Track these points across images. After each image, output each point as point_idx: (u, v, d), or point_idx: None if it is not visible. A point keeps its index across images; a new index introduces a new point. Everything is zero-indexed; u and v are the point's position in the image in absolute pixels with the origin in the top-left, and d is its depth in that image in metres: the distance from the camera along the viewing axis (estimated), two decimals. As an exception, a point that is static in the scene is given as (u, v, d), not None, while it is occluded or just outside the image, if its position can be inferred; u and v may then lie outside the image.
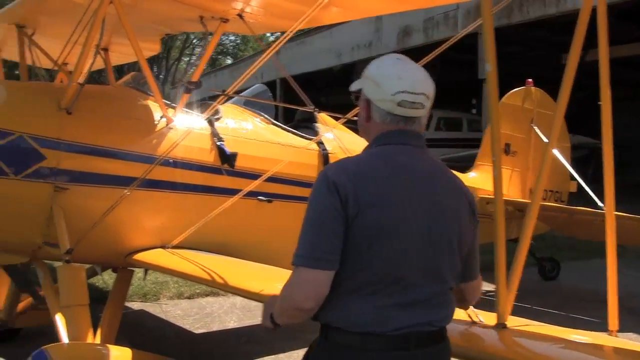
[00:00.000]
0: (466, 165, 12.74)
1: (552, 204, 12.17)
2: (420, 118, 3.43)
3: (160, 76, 54.02)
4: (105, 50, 8.99)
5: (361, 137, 3.64)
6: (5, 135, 6.58)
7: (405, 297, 3.20)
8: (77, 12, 7.43)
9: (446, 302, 3.37)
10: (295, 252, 3.18)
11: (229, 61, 73.33)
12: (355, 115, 4.47)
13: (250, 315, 10.34)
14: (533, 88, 12.40)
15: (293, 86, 7.74)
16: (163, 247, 7.28)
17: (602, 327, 5.00)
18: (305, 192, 4.15)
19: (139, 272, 8.46)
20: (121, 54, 9.33)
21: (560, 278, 14.40)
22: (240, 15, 7.18)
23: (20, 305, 9.00)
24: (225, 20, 7.33)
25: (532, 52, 29.19)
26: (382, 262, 3.17)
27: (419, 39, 22.75)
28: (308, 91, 7.85)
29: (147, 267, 7.54)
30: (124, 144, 7.15)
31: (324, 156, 8.59)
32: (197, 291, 11.61)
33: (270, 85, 35.69)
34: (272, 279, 5.77)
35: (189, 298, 11.46)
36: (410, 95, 3.31)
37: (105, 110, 7.30)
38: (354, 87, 3.54)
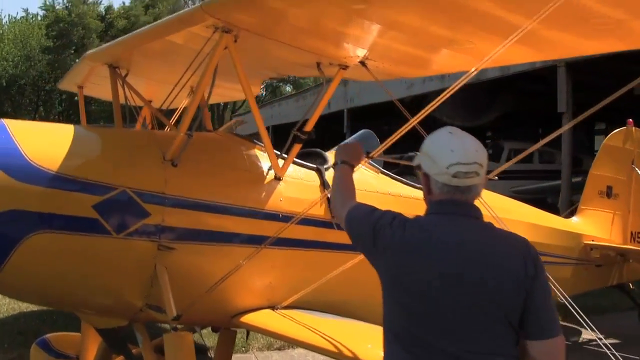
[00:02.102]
0: (540, 197, 12.21)
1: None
2: (477, 186, 3.68)
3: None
4: (198, 91, 8.54)
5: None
6: (106, 190, 6.10)
7: (428, 357, 3.46)
8: (178, 54, 7.00)
9: None
10: (353, 211, 4.15)
11: (288, 89, 73.28)
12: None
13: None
14: (633, 128, 11.75)
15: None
16: (272, 307, 6.79)
17: None
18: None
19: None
20: (213, 95, 8.83)
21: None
22: (363, 63, 6.64)
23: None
24: (345, 67, 6.81)
25: (603, 82, 28.42)
26: (399, 314, 3.59)
27: (494, 72, 22.10)
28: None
29: (257, 331, 7.05)
30: (232, 198, 6.70)
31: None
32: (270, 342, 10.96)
33: (339, 115, 35.59)
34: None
35: (279, 349, 10.85)
36: (463, 166, 3.59)
37: (212, 161, 6.83)
38: (415, 162, 3.90)
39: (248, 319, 6.64)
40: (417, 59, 6.63)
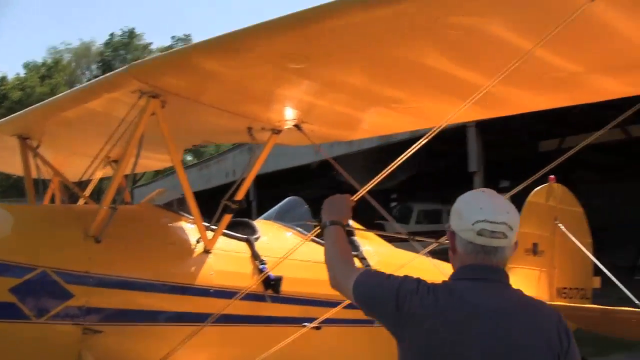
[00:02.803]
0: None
1: (591, 305, 11.47)
2: (504, 249, 3.48)
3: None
4: (116, 162, 8.09)
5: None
6: (24, 271, 5.62)
7: None
8: (94, 122, 6.59)
9: None
10: (362, 278, 3.72)
11: (188, 158, 72.44)
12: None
13: None
14: (555, 185, 11.75)
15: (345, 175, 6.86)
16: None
17: None
18: (354, 314, 4.53)
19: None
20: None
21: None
22: (297, 126, 6.32)
23: None
24: (277, 132, 6.48)
25: (510, 140, 29.03)
26: None
27: (404, 134, 22.14)
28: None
29: None
30: (161, 274, 6.29)
31: (368, 273, 7.72)
32: None
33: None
34: None
35: None
36: (490, 225, 3.39)
37: (137, 236, 6.40)
38: (448, 223, 3.65)
39: (184, 402, 6.17)
40: (356, 121, 6.37)
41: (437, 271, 10.02)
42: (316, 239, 7.66)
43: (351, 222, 8.21)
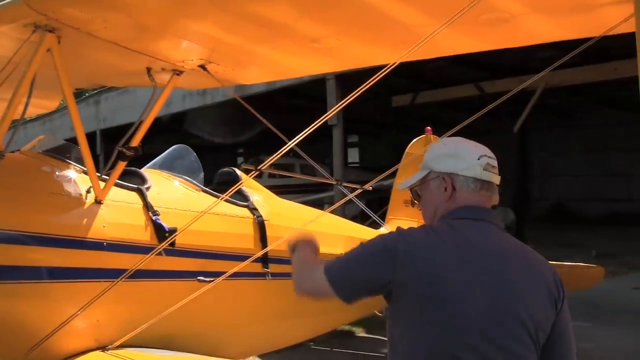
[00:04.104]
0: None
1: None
2: (496, 188, 3.49)
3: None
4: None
5: (427, 218, 3.63)
6: None
7: None
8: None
9: None
10: (333, 262, 3.48)
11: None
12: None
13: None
14: (432, 136, 11.75)
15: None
16: (102, 348, 5.94)
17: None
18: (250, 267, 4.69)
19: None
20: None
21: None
22: (203, 67, 5.89)
23: None
24: (179, 73, 6.03)
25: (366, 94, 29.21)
26: (434, 335, 3.13)
27: (260, 86, 21.87)
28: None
29: None
30: (50, 226, 5.79)
31: (260, 224, 7.48)
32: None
33: (89, 137, 34.08)
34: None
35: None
36: (490, 159, 3.46)
37: (23, 185, 5.85)
38: (419, 176, 3.59)
39: (78, 364, 5.76)
40: (267, 61, 6.00)
41: (343, 224, 9.95)
42: (211, 190, 7.38)
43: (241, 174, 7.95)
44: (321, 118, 4.91)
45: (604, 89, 26.47)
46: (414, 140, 11.83)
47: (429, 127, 11.78)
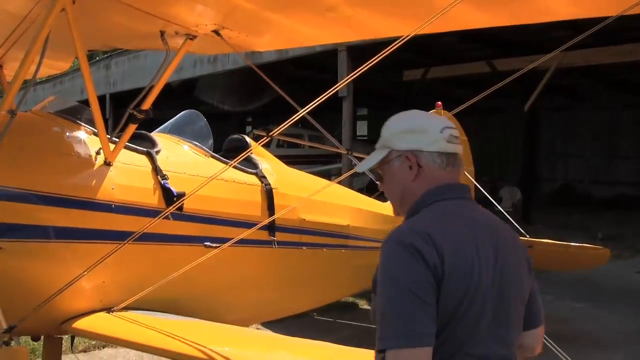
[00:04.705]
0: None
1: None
2: (461, 158, 3.29)
3: None
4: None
5: (394, 201, 3.38)
6: None
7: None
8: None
9: None
10: (382, 334, 2.81)
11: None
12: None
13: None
14: (442, 111, 11.70)
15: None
16: (107, 310, 5.99)
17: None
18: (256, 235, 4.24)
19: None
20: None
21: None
22: (216, 32, 5.88)
23: None
24: (192, 38, 6.03)
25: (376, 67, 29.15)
26: (460, 334, 2.90)
27: (271, 55, 21.82)
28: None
29: (89, 337, 6.20)
30: (61, 187, 5.82)
31: (268, 192, 7.50)
32: (92, 343, 9.84)
33: (99, 100, 34.06)
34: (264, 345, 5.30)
35: (84, 351, 9.76)
36: (452, 130, 3.24)
37: (34, 145, 5.87)
38: (378, 156, 3.30)
39: (82, 324, 5.83)
40: (282, 29, 5.98)
41: (350, 195, 9.96)
42: (215, 154, 7.39)
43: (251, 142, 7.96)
44: (332, 88, 4.92)
45: (616, 71, 26.31)
46: (424, 115, 11.79)
47: (439, 102, 11.73)
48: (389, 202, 10.55)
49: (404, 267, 2.84)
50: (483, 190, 11.50)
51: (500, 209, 11.02)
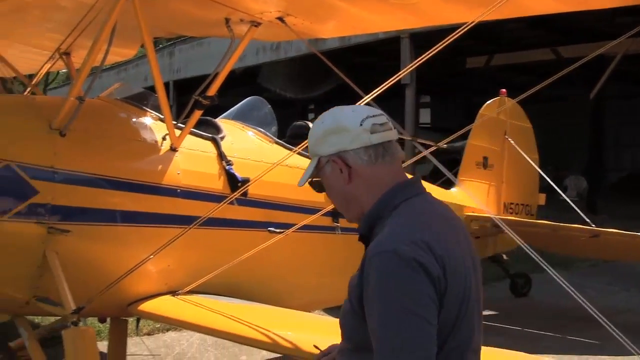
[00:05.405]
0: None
1: (542, 222, 11.49)
2: (397, 145, 3.02)
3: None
4: (67, 54, 7.62)
5: (341, 209, 3.14)
6: (-13, 164, 5.23)
7: None
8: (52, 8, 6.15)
9: None
10: (390, 356, 2.57)
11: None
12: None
13: (228, 354, 9.08)
14: (507, 98, 11.63)
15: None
16: (172, 293, 6.10)
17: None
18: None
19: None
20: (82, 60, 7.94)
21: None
22: (281, 19, 5.91)
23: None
24: (257, 24, 6.07)
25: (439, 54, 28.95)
26: (459, 337, 2.78)
27: (334, 42, 21.81)
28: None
29: (163, 321, 6.33)
30: (128, 172, 5.95)
31: (332, 179, 7.49)
32: (157, 326, 10.08)
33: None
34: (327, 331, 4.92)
35: (148, 334, 9.97)
36: (375, 118, 2.96)
37: (102, 131, 6.01)
38: (311, 167, 3.04)
39: (148, 307, 5.94)
40: (346, 15, 5.98)
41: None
42: (279, 140, 7.44)
43: None
44: (398, 74, 4.92)
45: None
46: (488, 102, 11.73)
47: (503, 90, 11.66)
48: (453, 188, 10.59)
49: (406, 286, 2.62)
50: (548, 179, 11.43)
51: (566, 198, 10.91)
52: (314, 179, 3.09)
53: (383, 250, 2.68)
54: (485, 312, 10.82)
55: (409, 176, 3.09)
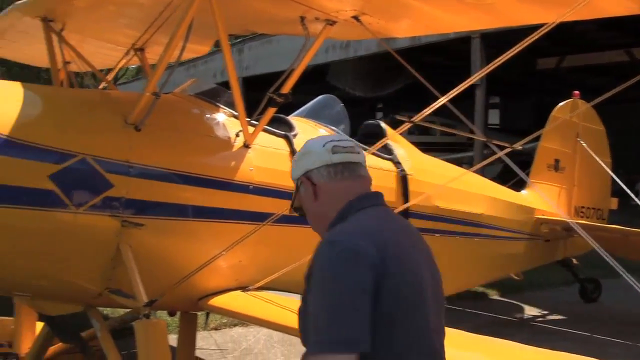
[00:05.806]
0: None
1: (613, 226, 11.31)
2: (362, 168, 3.19)
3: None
4: (141, 50, 7.73)
5: (316, 229, 3.26)
6: (65, 157, 5.31)
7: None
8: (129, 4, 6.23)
9: None
10: (314, 338, 2.66)
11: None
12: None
13: (295, 351, 9.10)
14: (579, 101, 11.45)
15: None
16: (243, 289, 6.13)
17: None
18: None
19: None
20: (156, 55, 8.00)
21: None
22: (356, 18, 5.88)
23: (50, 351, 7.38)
24: (332, 23, 6.06)
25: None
26: (405, 335, 2.81)
27: (405, 41, 21.73)
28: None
29: (233, 316, 6.38)
30: (202, 167, 6.03)
31: (403, 178, 7.51)
32: (224, 321, 10.22)
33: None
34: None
35: (215, 329, 10.07)
36: (339, 142, 3.20)
37: (177, 126, 6.07)
38: (293, 195, 3.31)
39: (219, 302, 5.99)
40: (420, 15, 5.93)
41: (485, 184, 9.89)
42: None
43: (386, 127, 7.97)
44: (474, 76, 4.87)
45: None
46: (560, 104, 11.56)
47: (576, 92, 11.49)
48: (524, 191, 10.48)
49: (341, 271, 2.72)
50: (620, 183, 11.23)
51: (638, 202, 10.73)
52: (296, 206, 3.32)
53: (323, 242, 2.86)
54: (553, 316, 10.75)
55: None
